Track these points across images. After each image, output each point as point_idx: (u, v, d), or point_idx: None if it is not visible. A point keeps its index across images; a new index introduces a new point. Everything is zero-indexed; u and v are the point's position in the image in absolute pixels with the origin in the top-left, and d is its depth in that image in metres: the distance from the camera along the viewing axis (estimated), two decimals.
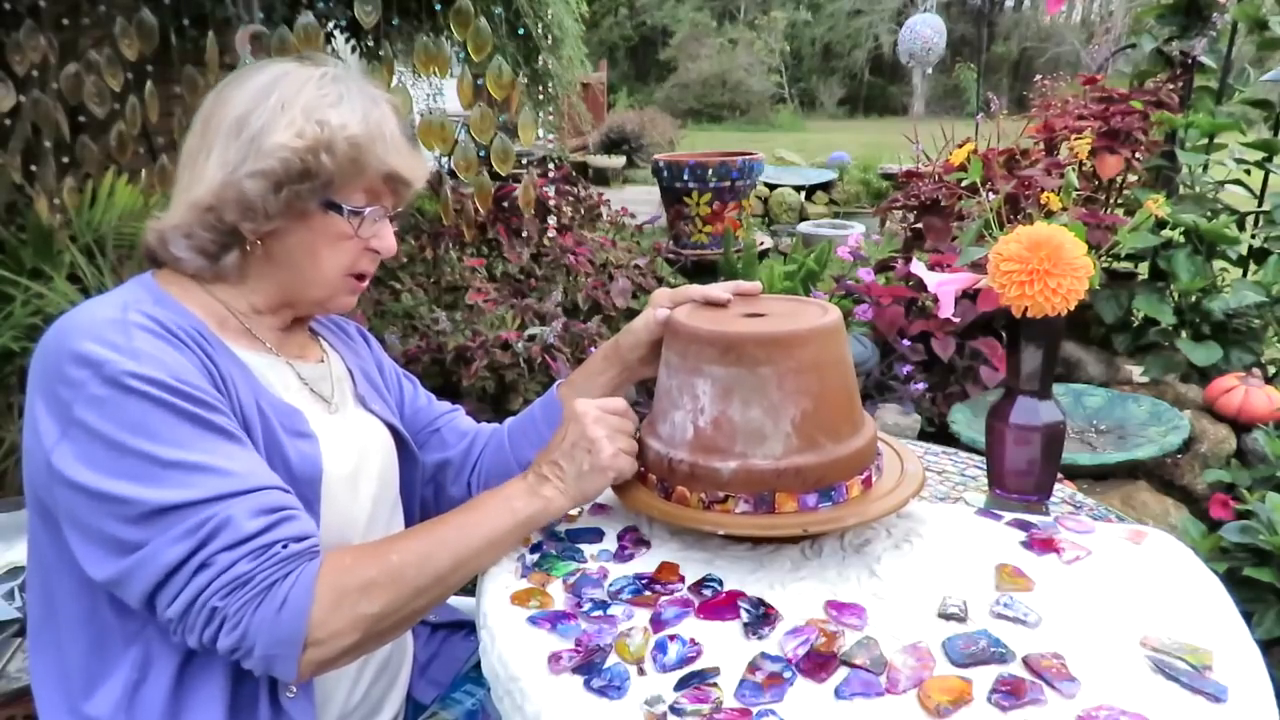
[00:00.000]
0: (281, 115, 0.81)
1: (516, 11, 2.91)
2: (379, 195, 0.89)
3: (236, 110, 0.82)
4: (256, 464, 0.76)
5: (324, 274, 0.88)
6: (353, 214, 0.86)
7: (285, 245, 0.86)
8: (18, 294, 1.90)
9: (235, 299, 0.88)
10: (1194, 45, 2.75)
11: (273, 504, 0.73)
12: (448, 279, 3.05)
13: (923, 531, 0.87)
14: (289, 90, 0.82)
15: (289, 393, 0.89)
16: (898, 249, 3.34)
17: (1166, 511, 1.99)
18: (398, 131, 0.88)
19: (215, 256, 0.85)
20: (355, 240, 0.88)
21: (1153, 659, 0.66)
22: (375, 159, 0.85)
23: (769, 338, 0.81)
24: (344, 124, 0.82)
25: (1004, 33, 22.13)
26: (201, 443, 0.73)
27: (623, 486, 0.90)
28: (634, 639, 0.71)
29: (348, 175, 0.84)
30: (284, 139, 0.80)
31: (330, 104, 0.83)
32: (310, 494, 0.84)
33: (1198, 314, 2.54)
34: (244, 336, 0.88)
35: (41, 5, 1.95)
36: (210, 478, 0.71)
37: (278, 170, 0.80)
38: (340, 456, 0.89)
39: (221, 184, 0.81)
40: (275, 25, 1.98)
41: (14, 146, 2.11)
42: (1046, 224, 0.92)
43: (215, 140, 0.82)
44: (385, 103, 0.88)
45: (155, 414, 0.71)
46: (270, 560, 0.71)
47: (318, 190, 0.83)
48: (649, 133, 10.60)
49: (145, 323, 0.76)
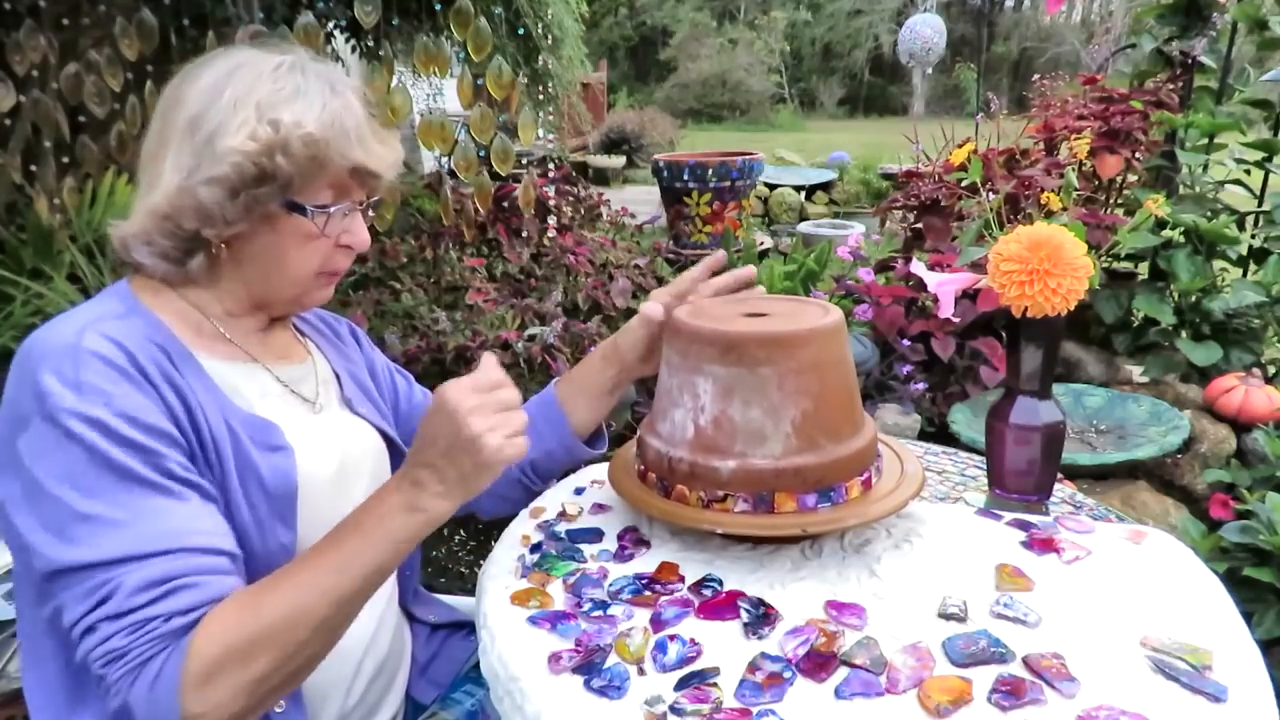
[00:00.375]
0: (234, 115, 0.78)
1: (516, 11, 2.91)
2: (347, 190, 0.85)
3: (190, 109, 0.79)
4: (177, 520, 0.72)
5: (293, 275, 0.85)
6: (318, 213, 0.83)
7: (252, 248, 0.83)
8: (18, 294, 1.90)
9: (209, 303, 0.86)
10: (1194, 45, 2.75)
11: (166, 574, 0.69)
12: (448, 279, 3.05)
13: (923, 531, 0.87)
14: (242, 86, 0.79)
15: (265, 401, 0.87)
16: (898, 249, 3.34)
17: (1166, 511, 1.99)
18: (362, 121, 0.83)
19: (180, 261, 0.83)
20: (323, 239, 0.85)
21: (1153, 659, 0.66)
22: (337, 155, 0.81)
23: (770, 338, 0.81)
24: (298, 121, 0.78)
25: (1004, 33, 22.14)
26: (122, 495, 0.70)
27: (622, 485, 0.90)
28: (634, 639, 0.71)
29: (308, 174, 0.81)
30: (236, 142, 0.77)
31: (285, 99, 0.79)
32: (286, 509, 0.82)
33: (1198, 314, 2.53)
34: (219, 343, 0.86)
35: (41, 5, 1.95)
36: (117, 537, 0.69)
37: (231, 176, 0.77)
38: (322, 459, 0.88)
39: (177, 190, 0.78)
40: (275, 25, 1.98)
41: (14, 146, 2.11)
42: (1046, 224, 0.92)
43: (170, 140, 0.80)
44: (349, 90, 0.84)
45: (82, 460, 0.70)
46: (146, 635, 0.68)
47: (277, 193, 0.80)
48: (649, 133, 10.60)
49: (101, 348, 0.73)
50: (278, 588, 0.72)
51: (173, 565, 0.70)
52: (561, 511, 0.95)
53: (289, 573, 0.74)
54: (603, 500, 0.97)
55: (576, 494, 1.00)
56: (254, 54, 0.82)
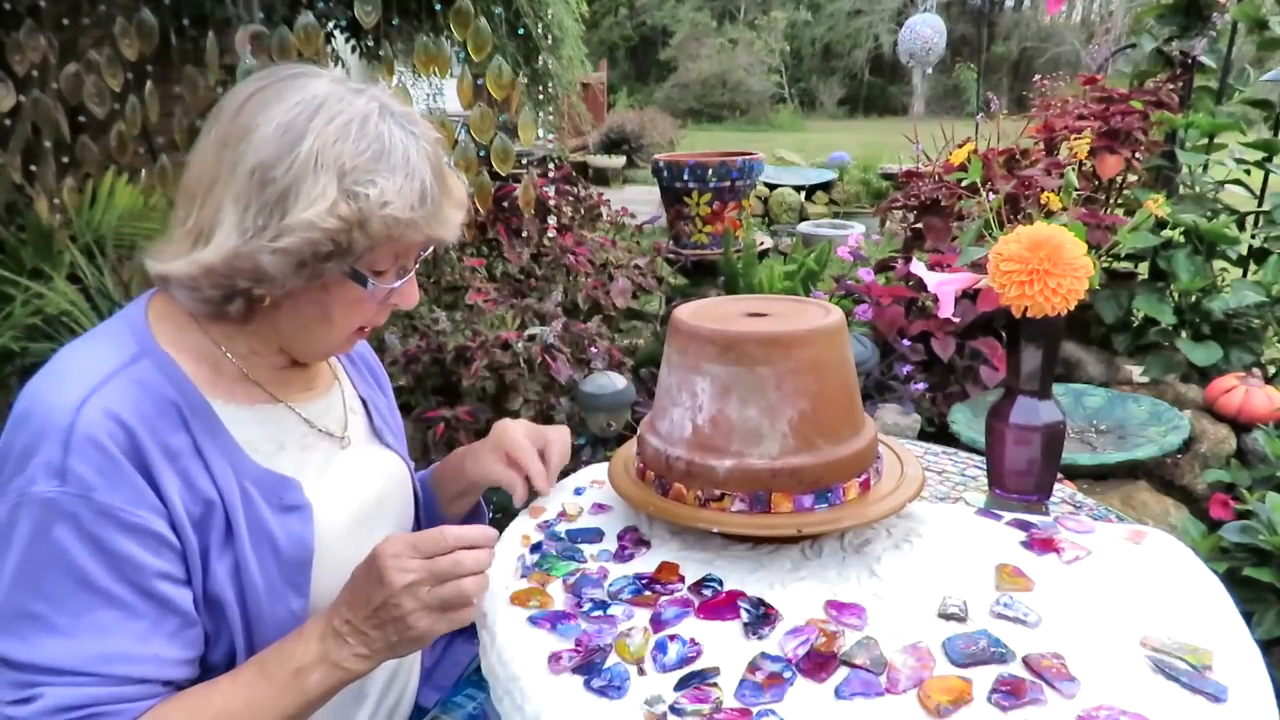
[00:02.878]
0: (313, 178, 0.70)
1: (516, 11, 2.91)
2: (410, 254, 0.80)
3: (261, 152, 0.71)
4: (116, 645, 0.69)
5: (335, 334, 0.82)
6: (377, 281, 0.78)
7: (297, 304, 0.78)
8: (18, 294, 1.90)
9: (233, 341, 0.81)
10: (1194, 45, 2.75)
11: (85, 700, 0.68)
12: (448, 279, 3.05)
13: (923, 531, 0.87)
14: (324, 139, 0.71)
15: (284, 453, 0.83)
16: (898, 249, 3.34)
17: (1166, 511, 1.99)
18: (438, 183, 0.77)
19: (219, 305, 0.76)
20: (374, 303, 0.81)
21: (1153, 659, 0.66)
22: (414, 232, 0.76)
23: (768, 338, 0.81)
24: (384, 199, 0.72)
25: (1004, 33, 22.13)
26: (75, 603, 0.68)
27: (620, 482, 0.90)
28: (634, 639, 0.71)
29: (379, 248, 0.75)
30: (314, 215, 0.70)
31: (367, 164, 0.72)
32: (299, 575, 0.80)
33: (1198, 314, 2.54)
34: (240, 385, 0.81)
35: (41, 5, 1.95)
36: (55, 646, 0.67)
37: (304, 250, 0.71)
38: (344, 507, 0.85)
39: (235, 252, 0.71)
40: (275, 25, 1.98)
41: (14, 146, 2.11)
42: (1046, 224, 0.92)
43: (230, 183, 0.72)
44: (427, 143, 0.77)
45: (45, 559, 0.67)
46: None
47: (344, 264, 0.74)
48: (649, 133, 10.60)
49: (96, 432, 0.68)
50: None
51: (95, 692, 0.68)
52: (561, 511, 0.95)
53: (201, 706, 0.72)
54: (603, 500, 0.97)
55: (576, 494, 1.00)
56: (333, 90, 0.74)
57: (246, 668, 0.75)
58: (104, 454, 0.69)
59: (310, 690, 0.73)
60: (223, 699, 0.73)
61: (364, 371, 1.01)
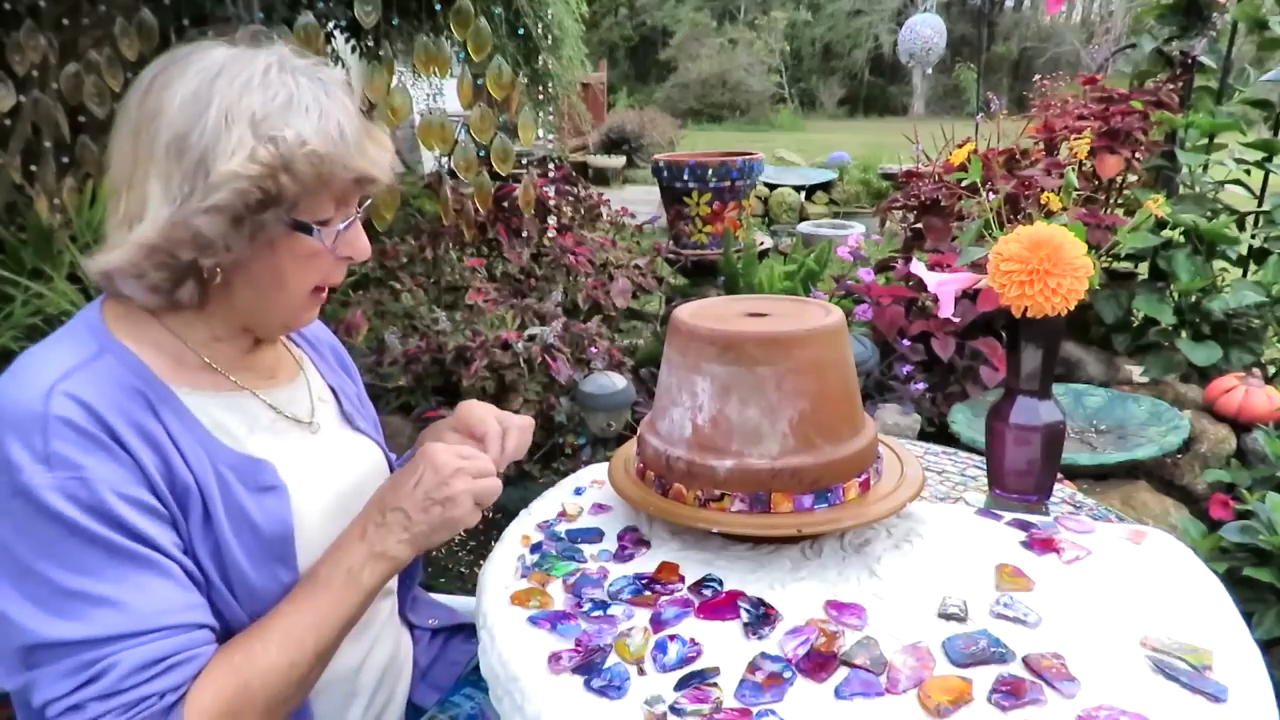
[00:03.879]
0: (227, 134, 0.71)
1: (516, 11, 2.91)
2: (347, 200, 0.80)
3: (174, 126, 0.71)
4: (165, 595, 0.70)
5: (290, 295, 0.81)
6: (323, 230, 0.78)
7: (249, 272, 0.77)
8: (18, 294, 1.90)
9: (192, 329, 0.80)
10: (1194, 45, 2.75)
11: (162, 653, 0.68)
12: (448, 279, 3.05)
13: (923, 531, 0.87)
14: (230, 96, 0.72)
15: (255, 437, 0.82)
16: (898, 249, 3.34)
17: (1166, 511, 1.99)
18: (359, 126, 0.78)
19: (169, 292, 0.76)
20: (324, 255, 0.80)
21: (1153, 659, 0.66)
22: (340, 168, 0.75)
23: (768, 338, 0.81)
24: (301, 137, 0.72)
25: (1004, 33, 22.13)
26: (109, 570, 0.68)
27: (620, 482, 0.90)
28: (634, 639, 0.71)
29: (313, 192, 0.75)
30: (235, 165, 0.70)
31: (279, 109, 0.72)
32: (283, 549, 0.80)
33: (1198, 314, 2.54)
34: (203, 373, 0.80)
35: (41, 5, 1.95)
36: (109, 613, 0.67)
37: (234, 203, 0.71)
38: (319, 490, 0.85)
39: (169, 223, 0.71)
40: (275, 25, 1.98)
41: (14, 146, 2.11)
42: (1046, 224, 0.92)
43: (151, 163, 0.72)
44: (336, 86, 0.77)
45: (63, 536, 0.67)
46: (139, 714, 0.67)
47: (282, 215, 0.74)
48: (649, 133, 10.60)
49: (70, 413, 0.68)
50: (260, 652, 0.73)
51: (167, 644, 0.69)
52: (561, 511, 0.95)
53: (267, 633, 0.74)
54: (603, 500, 0.97)
55: (576, 494, 1.00)
56: (231, 54, 0.75)
57: (298, 589, 0.78)
58: (82, 434, 0.68)
59: (366, 584, 0.78)
60: (288, 620, 0.75)
61: (330, 359, 1.01)
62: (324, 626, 0.76)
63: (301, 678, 0.74)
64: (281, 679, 0.73)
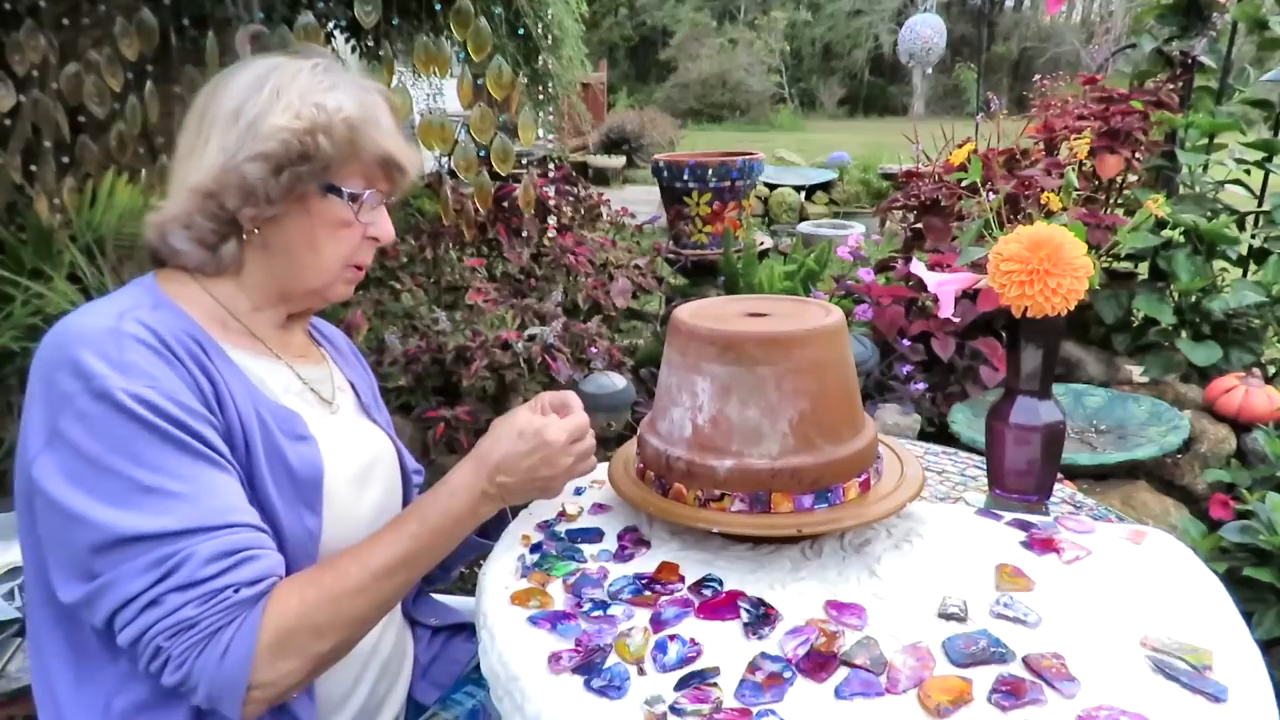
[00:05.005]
0: (277, 101, 0.82)
1: (516, 11, 2.91)
2: (375, 180, 0.89)
3: (232, 102, 0.82)
4: (233, 495, 0.75)
5: (323, 262, 0.88)
6: (352, 197, 0.86)
7: (284, 233, 0.85)
8: (18, 294, 1.90)
9: (235, 297, 0.87)
10: (1194, 45, 2.75)
11: (235, 545, 0.72)
12: (448, 279, 3.05)
13: (923, 531, 0.87)
14: (283, 79, 0.83)
15: (288, 395, 0.88)
16: (898, 249, 3.34)
17: (1166, 511, 1.99)
18: (391, 119, 0.89)
19: (214, 247, 0.84)
20: (355, 227, 0.88)
21: (1153, 659, 0.66)
22: (370, 142, 0.86)
23: (768, 338, 0.81)
24: (340, 107, 0.83)
25: (1004, 33, 22.14)
26: (184, 469, 0.72)
27: (620, 482, 0.90)
28: (634, 639, 0.71)
29: (345, 158, 0.84)
30: (282, 121, 0.81)
31: (325, 89, 0.84)
32: (313, 495, 0.84)
33: (1198, 314, 2.54)
34: (245, 338, 0.87)
35: (41, 5, 1.95)
36: (184, 508, 0.71)
37: (278, 151, 0.80)
38: (341, 458, 0.89)
39: (221, 169, 0.81)
40: (275, 25, 1.98)
41: (14, 146, 2.11)
42: (1046, 224, 0.92)
43: (212, 131, 0.83)
44: (377, 93, 0.89)
45: (140, 435, 0.71)
46: (218, 605, 0.70)
47: (317, 173, 0.83)
48: (649, 133, 10.60)
49: (140, 333, 0.75)
50: (356, 572, 0.77)
51: (238, 538, 0.73)
52: (561, 511, 0.96)
53: (366, 558, 0.79)
54: (603, 500, 0.97)
55: (576, 494, 1.01)
56: (288, 58, 0.86)
57: (407, 520, 0.82)
58: (153, 350, 0.75)
59: (458, 537, 0.84)
60: (394, 540, 0.80)
61: (351, 360, 1.06)
62: (419, 562, 0.81)
63: (384, 605, 0.80)
64: (370, 604, 0.78)
